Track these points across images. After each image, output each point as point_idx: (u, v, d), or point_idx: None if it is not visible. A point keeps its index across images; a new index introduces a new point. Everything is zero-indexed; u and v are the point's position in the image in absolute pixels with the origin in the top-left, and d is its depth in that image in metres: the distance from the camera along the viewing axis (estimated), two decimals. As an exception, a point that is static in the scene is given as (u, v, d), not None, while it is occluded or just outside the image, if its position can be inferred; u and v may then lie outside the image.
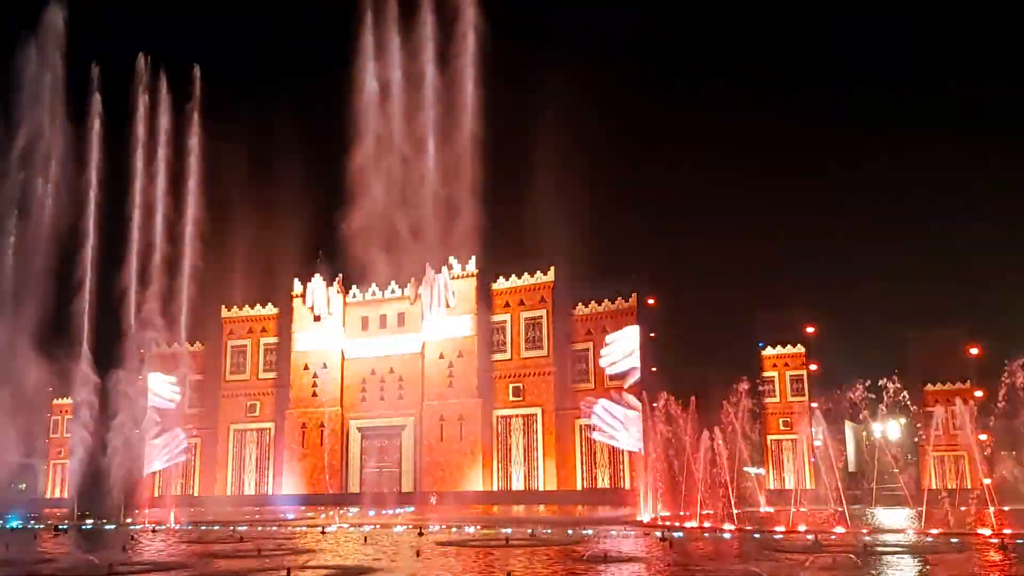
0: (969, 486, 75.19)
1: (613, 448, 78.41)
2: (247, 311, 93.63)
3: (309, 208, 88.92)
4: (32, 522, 56.42)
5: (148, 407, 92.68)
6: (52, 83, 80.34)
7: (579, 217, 72.87)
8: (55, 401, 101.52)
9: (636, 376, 77.37)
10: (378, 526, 44.76)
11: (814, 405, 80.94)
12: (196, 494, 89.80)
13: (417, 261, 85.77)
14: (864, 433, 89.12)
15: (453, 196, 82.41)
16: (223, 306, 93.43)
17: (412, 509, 70.25)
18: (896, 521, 45.29)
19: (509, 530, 33.26)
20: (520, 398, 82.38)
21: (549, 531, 38.12)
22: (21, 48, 80.00)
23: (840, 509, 42.49)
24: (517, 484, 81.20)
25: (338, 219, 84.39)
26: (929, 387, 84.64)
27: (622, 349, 78.85)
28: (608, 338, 79.96)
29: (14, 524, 52.47)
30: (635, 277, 79.67)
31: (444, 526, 43.07)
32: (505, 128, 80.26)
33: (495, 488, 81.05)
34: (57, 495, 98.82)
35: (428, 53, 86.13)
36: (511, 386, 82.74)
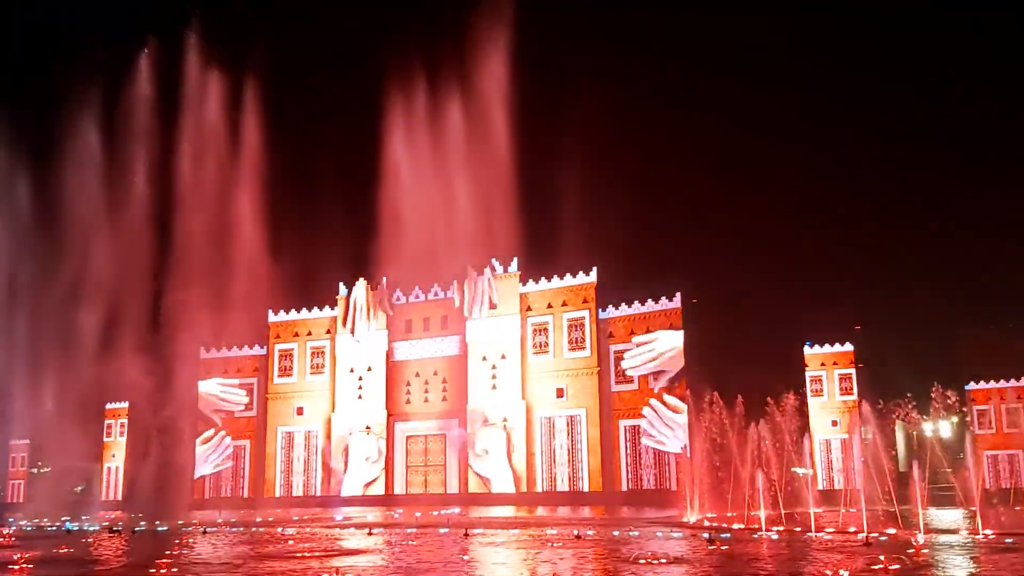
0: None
1: (658, 449, 77.98)
2: (293, 315, 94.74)
3: (354, 212, 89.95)
4: (87, 524, 57.69)
5: (200, 411, 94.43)
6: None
7: (622, 217, 72.74)
8: (108, 406, 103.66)
9: (680, 377, 76.92)
10: (424, 527, 45.00)
11: (863, 404, 79.76)
12: (245, 496, 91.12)
13: (459, 263, 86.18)
14: (915, 432, 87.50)
15: (495, 198, 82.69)
16: (270, 310, 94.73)
17: (457, 510, 70.52)
18: (949, 521, 44.42)
19: (554, 531, 33.24)
20: (563, 399, 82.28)
21: (594, 532, 38.02)
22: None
23: (891, 509, 41.78)
24: (561, 486, 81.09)
25: (381, 223, 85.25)
26: (980, 385, 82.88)
27: (664, 350, 78.40)
28: (636, 339, 79.69)
29: (71, 527, 53.72)
30: (680, 278, 79.25)
31: (489, 527, 43.17)
32: (545, 129, 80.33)
33: (539, 489, 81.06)
34: (112, 497, 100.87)
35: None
36: (554, 387, 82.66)
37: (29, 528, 55.57)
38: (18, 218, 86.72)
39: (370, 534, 40.64)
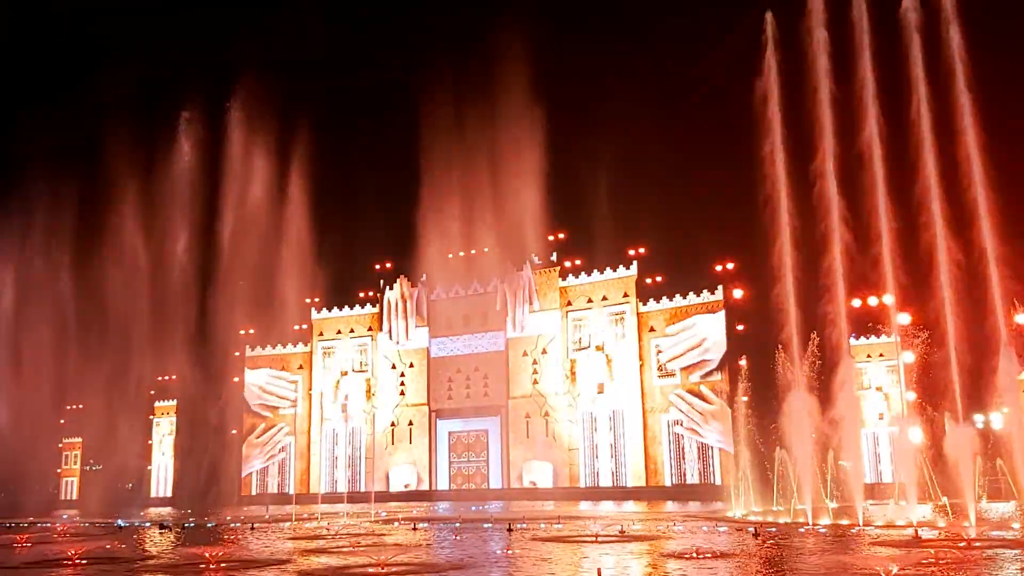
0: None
1: (702, 443, 77.47)
2: (336, 312, 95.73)
3: (395, 210, 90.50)
4: (138, 521, 58.84)
5: (247, 407, 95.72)
6: None
7: (663, 211, 72.37)
8: (157, 404, 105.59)
9: (713, 368, 76.34)
10: (468, 522, 45.19)
11: (910, 396, 78.38)
12: (291, 492, 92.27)
13: (499, 259, 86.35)
14: (964, 424, 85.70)
15: (535, 195, 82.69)
16: (313, 308, 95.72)
17: (501, 505, 70.68)
18: (1001, 515, 43.52)
19: (598, 526, 33.18)
20: (604, 394, 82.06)
21: (639, 527, 37.89)
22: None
23: (942, 503, 41.05)
24: (605, 480, 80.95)
25: (421, 219, 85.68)
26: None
27: (707, 342, 77.78)
28: (672, 328, 79.16)
29: (122, 523, 54.81)
30: (721, 269, 78.45)
31: (532, 522, 43.22)
32: (583, 124, 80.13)
33: (583, 484, 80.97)
34: (161, 494, 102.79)
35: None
36: (596, 382, 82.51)
37: (85, 524, 56.81)
38: (67, 222, 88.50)
39: (415, 529, 40.90)
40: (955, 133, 42.97)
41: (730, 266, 79.24)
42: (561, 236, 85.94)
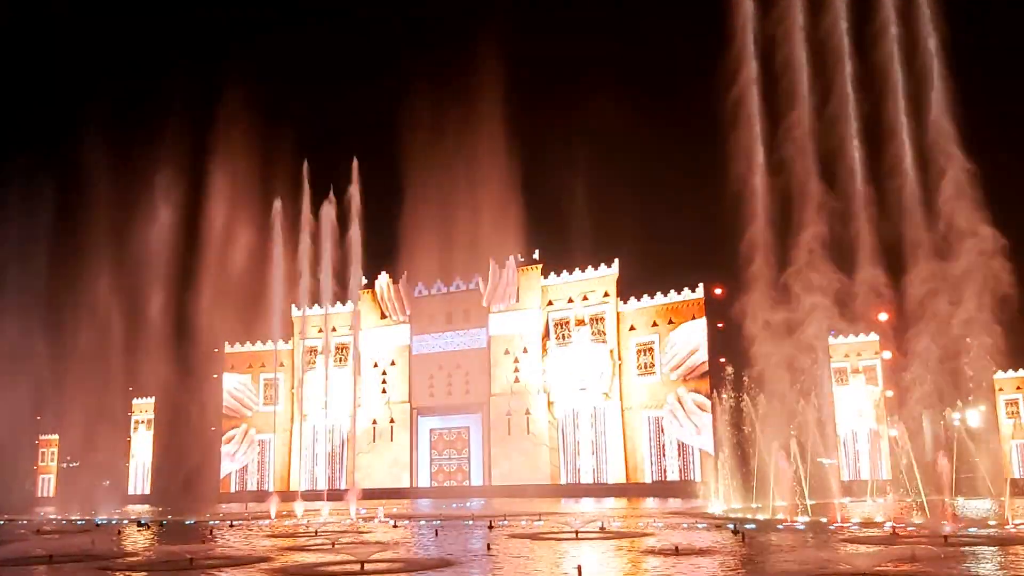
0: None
1: (682, 440, 77.80)
2: (317, 310, 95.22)
3: (375, 208, 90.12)
4: (116, 518, 58.38)
5: (227, 404, 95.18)
6: None
7: (643, 210, 72.73)
8: (135, 400, 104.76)
9: (703, 368, 76.57)
10: (448, 519, 45.16)
11: (888, 394, 79.10)
12: (271, 489, 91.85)
13: (482, 258, 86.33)
14: (941, 422, 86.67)
15: (517, 194, 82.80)
16: (293, 305, 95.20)
17: (482, 502, 70.69)
18: (977, 512, 43.99)
19: (578, 523, 33.25)
20: (586, 391, 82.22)
21: (619, 524, 37.99)
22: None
23: (918, 500, 41.43)
24: (586, 477, 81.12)
25: (403, 218, 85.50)
26: (1008, 374, 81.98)
27: (687, 341, 78.09)
28: (673, 332, 79.33)
29: (100, 520, 54.36)
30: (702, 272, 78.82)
31: (514, 519, 43.25)
32: (568, 126, 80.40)
33: (563, 481, 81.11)
34: (139, 491, 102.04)
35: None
36: (577, 379, 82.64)
37: (62, 522, 56.30)
38: (44, 217, 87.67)
39: (395, 526, 40.82)
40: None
41: (710, 265, 79.64)
42: (543, 237, 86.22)
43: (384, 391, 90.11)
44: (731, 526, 33.95)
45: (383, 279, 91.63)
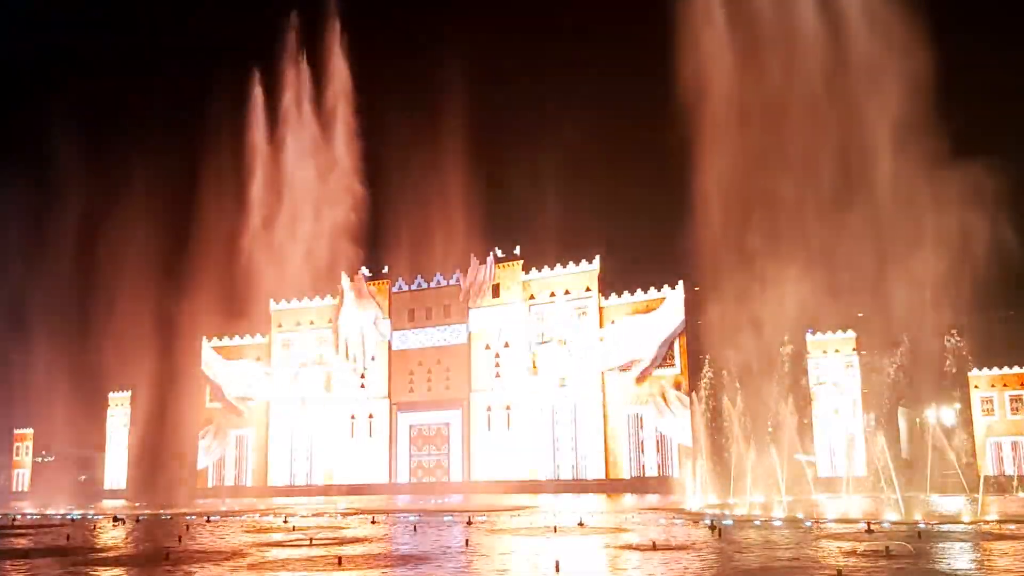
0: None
1: (661, 436, 78.12)
2: (296, 303, 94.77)
3: (356, 202, 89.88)
4: (91, 513, 57.88)
5: (205, 399, 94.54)
6: None
7: (624, 206, 72.89)
8: (112, 394, 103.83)
9: (673, 363, 76.99)
10: (427, 515, 45.11)
11: (865, 391, 79.72)
12: (249, 484, 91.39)
13: (462, 252, 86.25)
14: (917, 419, 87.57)
15: (497, 188, 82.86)
16: (272, 299, 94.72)
17: (461, 497, 70.70)
18: (951, 508, 44.46)
19: (557, 519, 33.32)
20: (566, 387, 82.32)
21: (598, 519, 38.10)
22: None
23: (893, 496, 41.81)
24: (565, 473, 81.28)
25: (385, 212, 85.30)
26: (983, 372, 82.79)
27: (656, 334, 78.43)
28: (651, 327, 79.50)
29: (74, 515, 53.91)
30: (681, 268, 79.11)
31: (492, 515, 43.27)
32: (548, 124, 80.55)
33: (543, 477, 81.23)
34: (115, 486, 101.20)
35: None
36: (557, 375, 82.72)
37: (36, 516, 55.78)
38: (21, 212, 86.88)
39: (373, 522, 40.73)
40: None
41: (689, 264, 79.88)
42: (525, 232, 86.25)
43: (363, 386, 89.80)
44: (708, 522, 34.13)
45: (364, 274, 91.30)
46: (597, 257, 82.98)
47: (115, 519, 47.45)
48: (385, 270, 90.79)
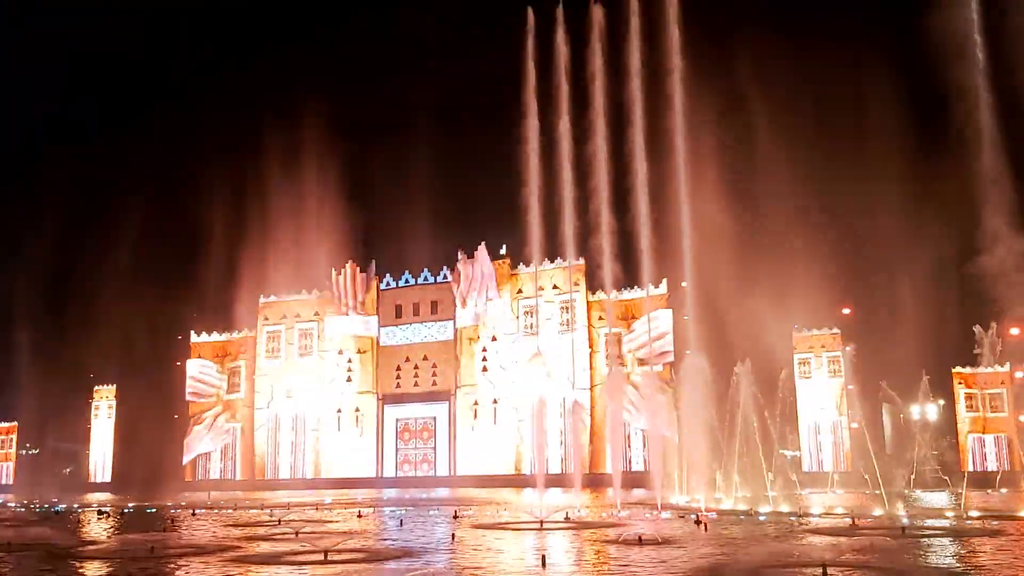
0: (1010, 468, 74.24)
1: (647, 431, 78.32)
2: (283, 298, 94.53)
3: (344, 197, 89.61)
4: (76, 506, 57.60)
5: (190, 391, 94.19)
6: None
7: (612, 201, 72.83)
8: (97, 387, 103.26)
9: (668, 359, 77.09)
10: (413, 509, 45.09)
11: (851, 387, 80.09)
12: (236, 478, 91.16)
13: (449, 248, 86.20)
14: (902, 415, 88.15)
15: (484, 183, 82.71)
16: (260, 294, 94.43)
17: (447, 491, 70.70)
18: (935, 504, 44.78)
19: (544, 513, 33.34)
20: (552, 381, 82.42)
21: (584, 513, 38.17)
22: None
23: (877, 492, 42.06)
24: (552, 467, 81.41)
25: (372, 208, 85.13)
26: (966, 369, 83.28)
27: (651, 332, 78.56)
28: (636, 324, 79.69)
29: (59, 509, 53.62)
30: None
31: (479, 508, 43.30)
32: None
33: (530, 471, 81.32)
34: (100, 479, 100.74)
35: None
36: (544, 370, 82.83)
37: (20, 510, 55.45)
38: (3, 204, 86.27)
39: (360, 516, 40.68)
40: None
41: (678, 260, 79.94)
42: (514, 225, 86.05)
43: (350, 380, 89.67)
44: (693, 516, 34.27)
45: (350, 269, 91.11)
46: (585, 253, 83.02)
47: (100, 512, 47.22)
48: (372, 265, 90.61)
